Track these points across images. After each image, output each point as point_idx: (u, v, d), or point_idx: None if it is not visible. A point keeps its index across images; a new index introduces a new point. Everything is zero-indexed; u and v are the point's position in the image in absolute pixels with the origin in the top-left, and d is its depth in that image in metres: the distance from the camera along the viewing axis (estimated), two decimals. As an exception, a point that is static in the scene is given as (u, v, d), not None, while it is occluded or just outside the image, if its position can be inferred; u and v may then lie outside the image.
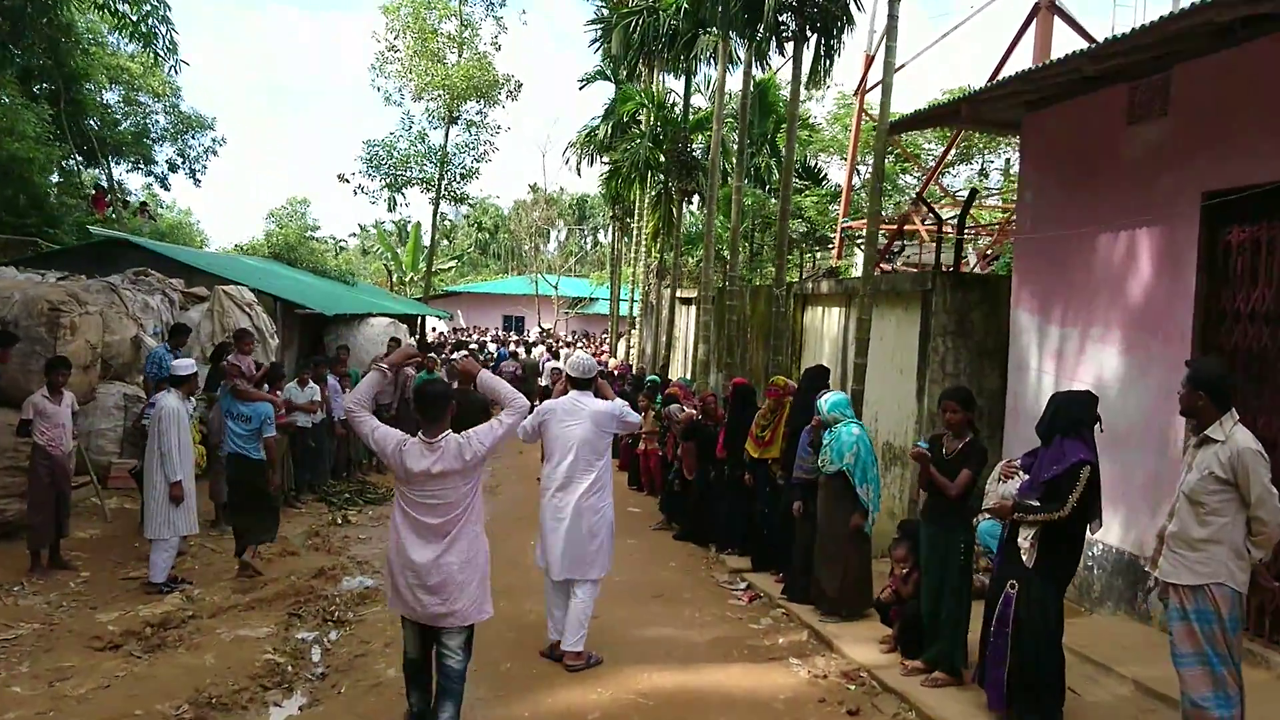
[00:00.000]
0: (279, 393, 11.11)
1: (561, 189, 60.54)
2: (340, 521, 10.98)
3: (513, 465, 15.74)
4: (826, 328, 12.65)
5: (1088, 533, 5.26)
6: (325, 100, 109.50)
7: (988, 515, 5.85)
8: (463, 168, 24.67)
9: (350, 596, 8.06)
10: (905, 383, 9.79)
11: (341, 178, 24.06)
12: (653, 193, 21.01)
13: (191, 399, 8.74)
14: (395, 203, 28.25)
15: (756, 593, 8.27)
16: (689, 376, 18.33)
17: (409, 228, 35.74)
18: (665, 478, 12.98)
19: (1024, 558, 5.23)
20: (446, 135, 24.63)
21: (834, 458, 7.09)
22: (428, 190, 24.62)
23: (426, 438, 4.63)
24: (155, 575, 7.77)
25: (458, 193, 24.86)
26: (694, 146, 17.65)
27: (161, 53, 13.06)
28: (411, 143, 24.48)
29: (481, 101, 24.83)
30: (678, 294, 18.58)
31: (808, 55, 11.58)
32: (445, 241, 58.75)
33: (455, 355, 18.68)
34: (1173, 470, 6.67)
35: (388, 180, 24.17)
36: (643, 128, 19.22)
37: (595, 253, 64.80)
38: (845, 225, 20.13)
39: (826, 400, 7.32)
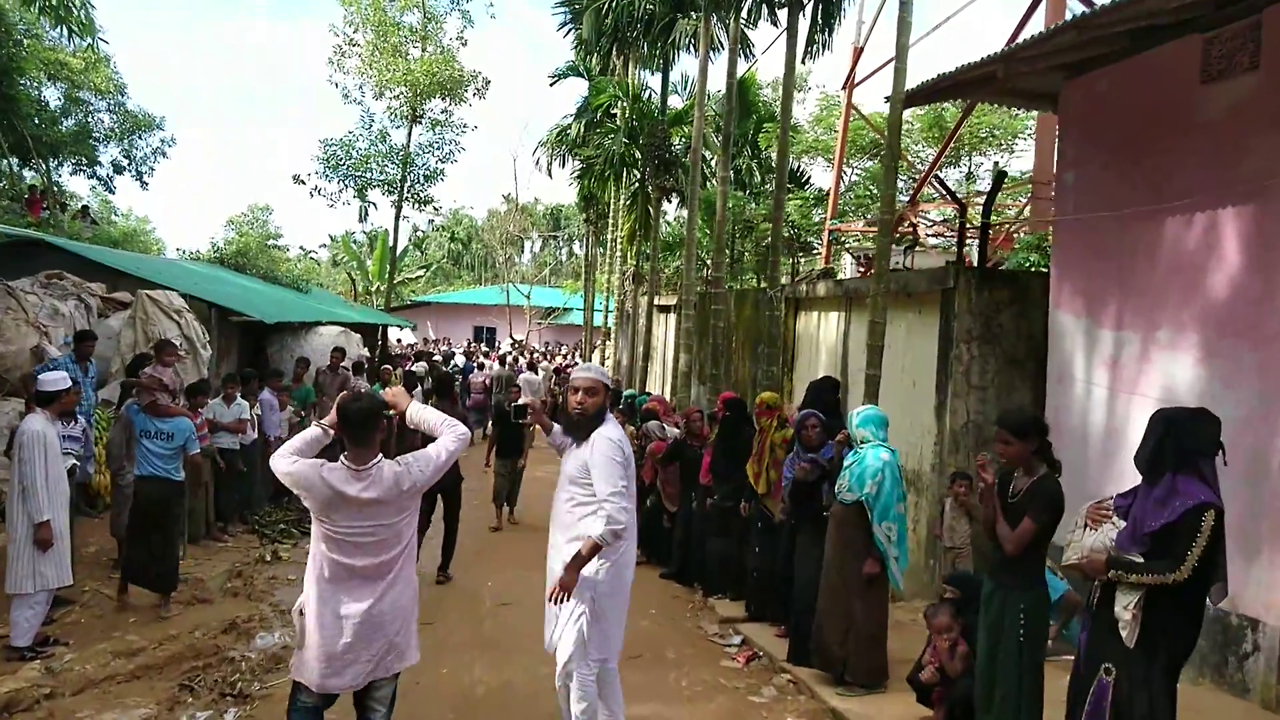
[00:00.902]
0: (200, 411, 9.72)
1: (536, 199, 59.36)
2: (269, 558, 9.50)
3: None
4: (823, 335, 11.34)
5: (1207, 601, 3.95)
6: (295, 107, 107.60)
7: (1070, 573, 4.52)
8: (427, 169, 23.19)
9: (262, 659, 6.63)
10: (920, 397, 8.48)
11: (297, 179, 22.46)
12: (628, 192, 19.69)
13: (78, 418, 7.33)
14: (366, 212, 26.90)
15: (754, 650, 6.89)
16: (668, 391, 16.99)
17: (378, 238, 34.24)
18: (641, 505, 11.63)
19: (1123, 633, 3.92)
20: (409, 135, 23.18)
21: (853, 484, 5.76)
22: (390, 193, 23.13)
23: (353, 463, 3.92)
24: (17, 638, 6.28)
25: (422, 195, 23.32)
26: (673, 142, 16.34)
27: (75, 29, 11.57)
28: (372, 142, 22.98)
29: (447, 99, 23.39)
30: (655, 301, 17.21)
31: (803, 26, 10.29)
32: (417, 252, 57.30)
33: (416, 367, 17.25)
34: (1272, 503, 5.37)
35: (347, 182, 22.62)
36: (617, 122, 17.89)
37: (570, 263, 63.57)
38: (833, 228, 18.94)
39: (858, 414, 6.00)
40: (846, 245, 20.30)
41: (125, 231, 36.07)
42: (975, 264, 8.37)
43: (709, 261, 23.25)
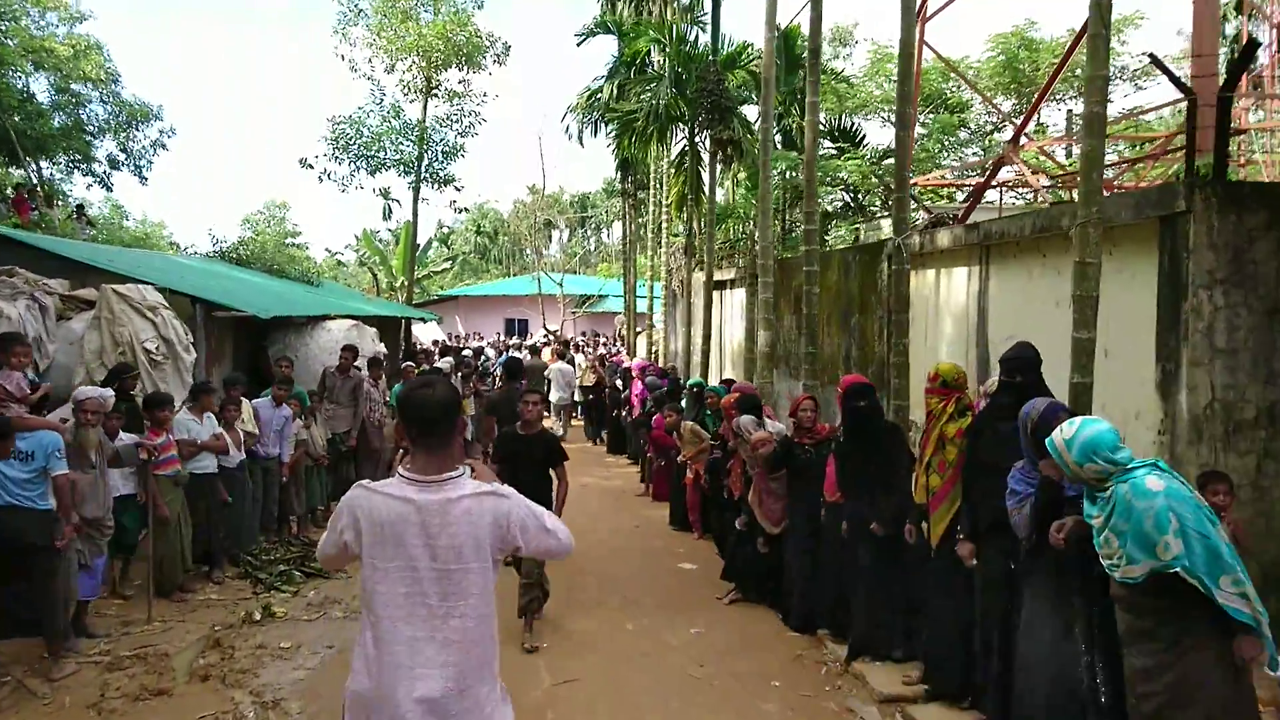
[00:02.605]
0: (167, 431, 7.66)
1: (561, 188, 57.27)
2: (260, 615, 7.35)
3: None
4: (947, 297, 9.02)
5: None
6: (319, 105, 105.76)
7: None
8: (445, 145, 21.02)
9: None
10: (1121, 371, 6.14)
11: (304, 162, 20.40)
12: (674, 152, 17.38)
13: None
14: (390, 210, 24.92)
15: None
16: (739, 377, 14.73)
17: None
18: (707, 517, 9.42)
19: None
20: (425, 108, 21.02)
21: (1137, 548, 3.47)
22: (406, 173, 21.00)
23: (419, 473, 2.70)
24: None
25: (441, 174, 21.16)
26: (728, 88, 13.94)
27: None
28: (384, 119, 20.84)
29: (464, 68, 21.21)
30: (714, 276, 14.85)
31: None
32: (443, 247, 55.31)
33: (441, 363, 15.10)
34: None
35: (358, 164, 20.51)
36: (659, 69, 15.49)
37: (599, 251, 61.36)
38: (911, 182, 16.51)
39: (1071, 436, 3.69)
40: (926, 202, 17.86)
41: (138, 236, 34.26)
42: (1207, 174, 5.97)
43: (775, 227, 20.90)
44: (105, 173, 23.66)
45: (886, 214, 19.91)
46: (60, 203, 20.95)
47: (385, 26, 20.31)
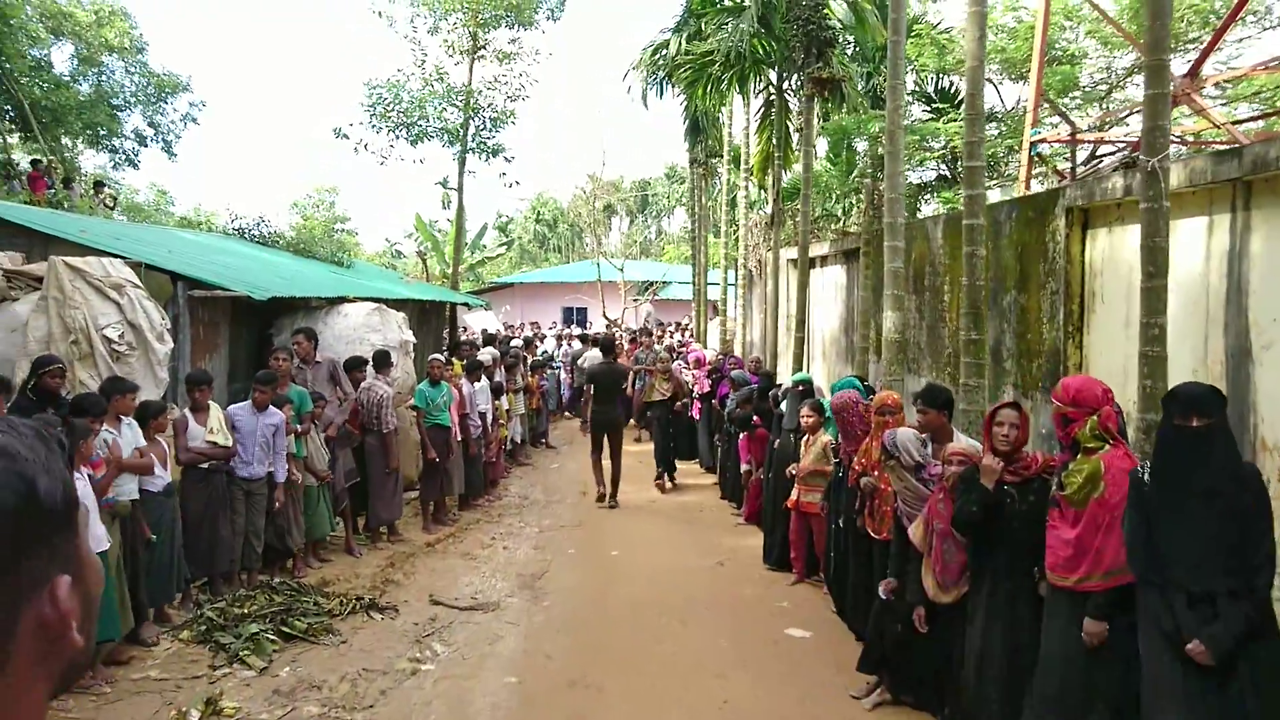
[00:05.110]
0: (89, 441, 5.55)
1: (621, 176, 55.10)
2: (199, 716, 5.13)
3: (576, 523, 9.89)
4: (1171, 262, 6.41)
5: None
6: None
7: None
8: (493, 110, 18.80)
9: None
10: None
11: (339, 132, 18.35)
12: (755, 106, 14.88)
13: None
14: (449, 200, 22.89)
15: None
16: (835, 374, 12.28)
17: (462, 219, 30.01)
18: (831, 563, 6.89)
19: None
20: (470, 70, 18.82)
21: None
22: (451, 143, 18.84)
23: None
24: None
25: (490, 143, 18.96)
26: (829, 18, 11.37)
27: None
28: (426, 82, 18.68)
29: (514, 26, 18.97)
30: (808, 251, 12.27)
31: None
32: (501, 234, 53.48)
33: (483, 354, 12.87)
34: None
35: (398, 132, 18.41)
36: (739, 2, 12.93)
37: (660, 240, 59.13)
38: (1037, 139, 13.92)
39: None
40: (1054, 163, 15.11)
41: (181, 222, 32.80)
42: None
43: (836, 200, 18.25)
44: (132, 149, 21.93)
45: (995, 181, 17.22)
46: (79, 179, 19.23)
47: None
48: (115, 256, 8.42)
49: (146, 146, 21.99)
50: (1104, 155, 14.98)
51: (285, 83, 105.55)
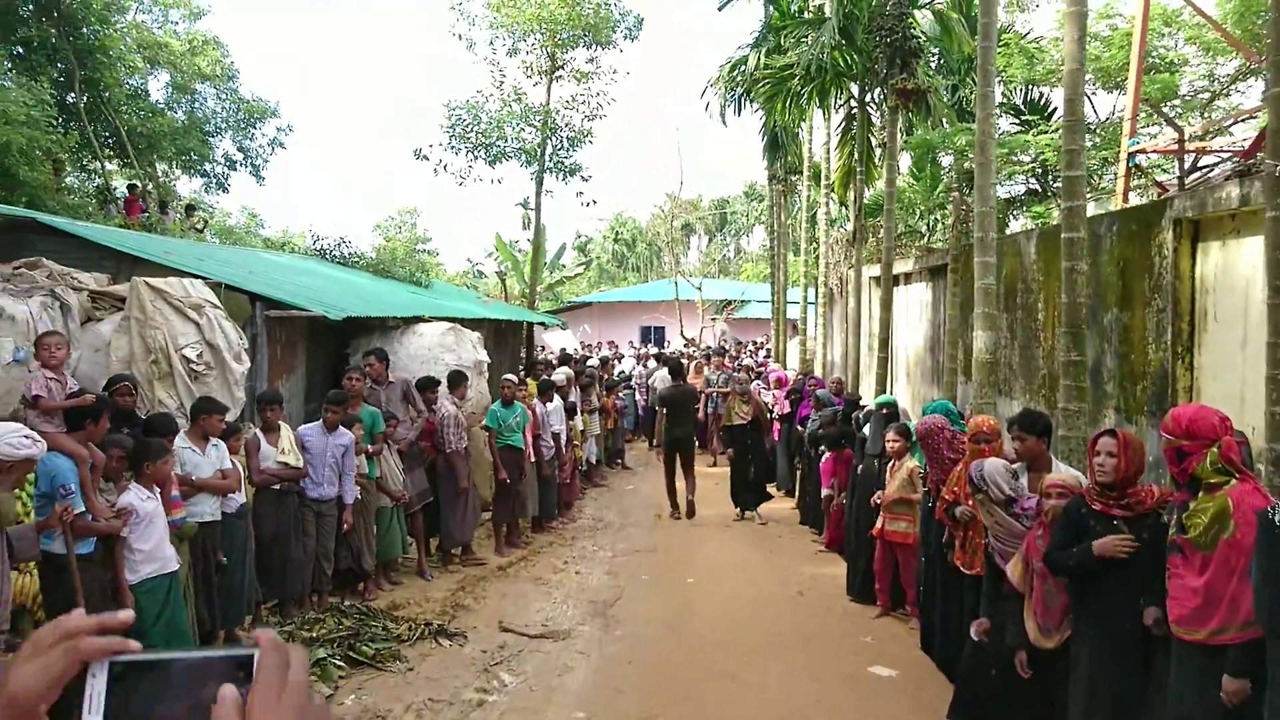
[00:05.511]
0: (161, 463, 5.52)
1: (700, 195, 55.08)
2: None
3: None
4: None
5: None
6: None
7: None
8: (571, 130, 18.81)
9: None
10: None
11: (419, 154, 18.56)
12: (836, 121, 14.52)
13: None
14: (529, 220, 23.19)
15: None
16: (921, 398, 11.84)
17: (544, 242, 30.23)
18: (897, 582, 6.49)
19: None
20: (549, 91, 18.88)
21: None
22: (529, 163, 18.91)
23: None
24: None
25: (568, 163, 18.97)
26: (914, 27, 11.00)
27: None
28: (504, 103, 18.80)
29: (592, 46, 18.99)
30: (893, 268, 11.83)
31: None
32: (580, 254, 53.84)
33: (557, 374, 12.73)
34: None
35: (477, 153, 18.55)
36: (818, 13, 12.61)
37: (740, 258, 58.83)
38: (1135, 150, 13.30)
39: None
40: (1155, 175, 14.43)
41: (273, 244, 33.73)
42: None
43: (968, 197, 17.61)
44: (222, 173, 22.60)
45: (1089, 195, 16.49)
46: (174, 204, 19.83)
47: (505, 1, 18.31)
48: (197, 277, 8.52)
49: (236, 171, 22.66)
50: (1206, 166, 14.23)
51: (366, 105, 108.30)
